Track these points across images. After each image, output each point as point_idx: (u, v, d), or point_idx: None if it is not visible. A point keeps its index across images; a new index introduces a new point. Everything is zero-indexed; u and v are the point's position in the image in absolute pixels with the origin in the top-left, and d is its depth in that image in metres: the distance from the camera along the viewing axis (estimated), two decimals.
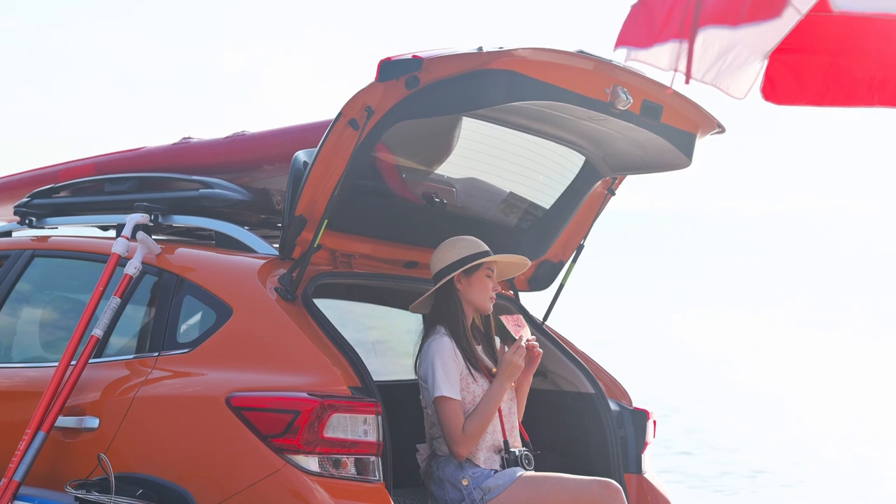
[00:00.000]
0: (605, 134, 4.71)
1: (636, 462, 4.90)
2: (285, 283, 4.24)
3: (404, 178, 4.83)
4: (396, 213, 4.84)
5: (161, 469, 4.10)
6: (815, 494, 11.51)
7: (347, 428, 3.94)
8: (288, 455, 3.89)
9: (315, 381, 3.98)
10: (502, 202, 5.14)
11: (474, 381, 4.45)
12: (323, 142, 4.18)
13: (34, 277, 5.10)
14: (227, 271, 4.45)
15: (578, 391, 5.00)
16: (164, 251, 4.59)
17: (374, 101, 4.13)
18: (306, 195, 4.27)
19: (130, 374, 4.35)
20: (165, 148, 5.29)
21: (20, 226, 5.24)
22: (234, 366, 4.12)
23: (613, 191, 5.20)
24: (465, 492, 4.35)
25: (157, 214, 4.71)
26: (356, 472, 3.95)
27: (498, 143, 4.80)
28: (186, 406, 4.14)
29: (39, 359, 5.07)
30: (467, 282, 4.52)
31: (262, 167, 5.09)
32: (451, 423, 4.36)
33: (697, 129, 4.70)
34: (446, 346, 4.44)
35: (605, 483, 4.34)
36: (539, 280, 5.34)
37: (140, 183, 4.96)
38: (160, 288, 4.51)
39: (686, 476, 11.82)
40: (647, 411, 5.01)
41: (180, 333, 4.36)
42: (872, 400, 19.07)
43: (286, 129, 5.06)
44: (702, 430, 15.19)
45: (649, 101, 4.46)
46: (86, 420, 4.33)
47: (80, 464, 4.26)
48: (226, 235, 4.66)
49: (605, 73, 4.31)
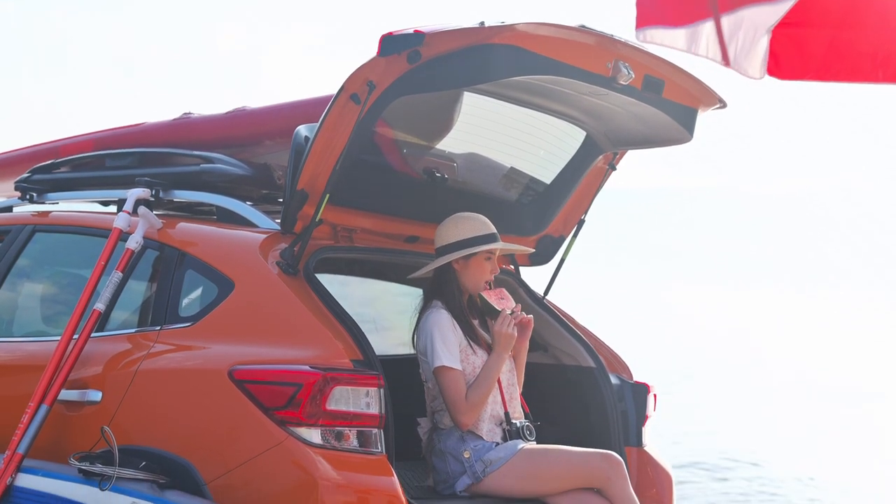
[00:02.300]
0: (606, 109, 4.71)
1: (637, 435, 4.93)
2: (287, 258, 4.25)
3: (405, 152, 4.84)
4: (398, 187, 4.85)
5: (164, 442, 4.12)
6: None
7: (350, 400, 3.96)
8: (290, 427, 3.90)
9: (317, 355, 3.99)
10: (503, 177, 5.14)
11: (473, 353, 4.48)
12: (324, 116, 4.19)
13: (35, 253, 5.10)
14: (229, 246, 4.46)
15: (579, 365, 5.02)
16: (166, 226, 4.60)
17: (376, 76, 4.13)
18: (308, 170, 4.28)
19: (133, 347, 4.36)
20: (166, 123, 5.29)
21: (21, 201, 5.25)
22: (237, 339, 4.14)
23: (614, 166, 5.20)
24: (466, 464, 4.38)
25: (158, 189, 4.72)
26: (358, 444, 3.97)
27: (499, 118, 4.80)
28: (189, 379, 4.16)
29: (42, 333, 5.09)
30: (465, 264, 4.55)
31: (263, 142, 5.09)
32: (453, 393, 4.38)
33: (699, 103, 4.71)
34: (444, 317, 4.46)
35: (606, 455, 4.37)
36: (540, 255, 5.35)
37: (141, 158, 4.96)
38: (162, 262, 4.52)
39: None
40: (648, 385, 5.04)
41: (182, 307, 4.38)
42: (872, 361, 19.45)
43: (287, 104, 5.06)
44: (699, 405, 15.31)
45: (651, 75, 4.47)
46: (89, 393, 4.34)
47: (84, 437, 4.28)
48: (227, 210, 4.66)
49: (607, 48, 4.31)
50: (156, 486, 3.99)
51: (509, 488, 4.34)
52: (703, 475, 11.01)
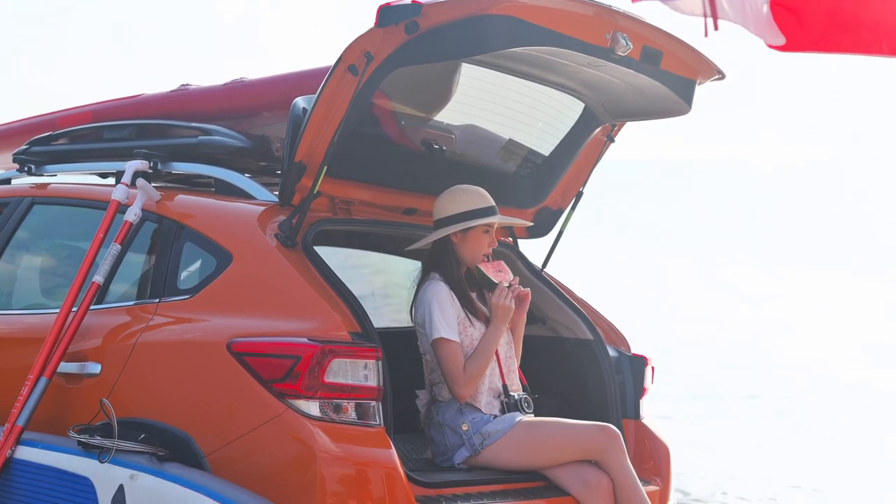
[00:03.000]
0: (604, 80, 4.69)
1: (634, 407, 4.93)
2: (285, 230, 4.25)
3: (403, 124, 4.82)
4: (396, 159, 4.83)
5: (163, 414, 4.13)
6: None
7: (348, 373, 3.96)
8: (289, 400, 3.91)
9: (315, 327, 3.99)
10: (501, 149, 5.13)
11: (471, 325, 4.48)
12: (322, 88, 4.17)
13: (34, 225, 5.10)
14: (227, 218, 4.45)
15: (577, 338, 5.02)
16: (164, 198, 4.59)
17: (374, 47, 4.11)
18: (305, 141, 4.26)
19: (132, 320, 4.36)
20: (164, 95, 5.27)
21: (19, 173, 5.24)
22: (235, 312, 4.14)
23: (613, 138, 5.19)
24: (464, 437, 4.39)
25: (156, 161, 4.71)
26: (357, 416, 3.97)
27: (497, 90, 4.79)
28: (187, 352, 4.16)
29: (40, 306, 5.09)
30: (462, 237, 4.54)
31: (261, 114, 5.08)
32: (451, 364, 4.38)
33: (697, 75, 4.69)
34: (442, 289, 4.47)
35: (603, 427, 4.38)
36: (538, 227, 5.35)
37: (139, 130, 4.95)
38: (160, 234, 4.51)
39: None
40: (646, 357, 5.04)
41: (181, 280, 4.37)
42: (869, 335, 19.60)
43: (285, 76, 5.04)
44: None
45: (649, 46, 4.45)
46: (88, 366, 4.34)
47: (83, 409, 4.29)
48: (225, 182, 4.65)
49: (605, 19, 4.29)
50: (155, 458, 3.99)
51: (507, 461, 4.35)
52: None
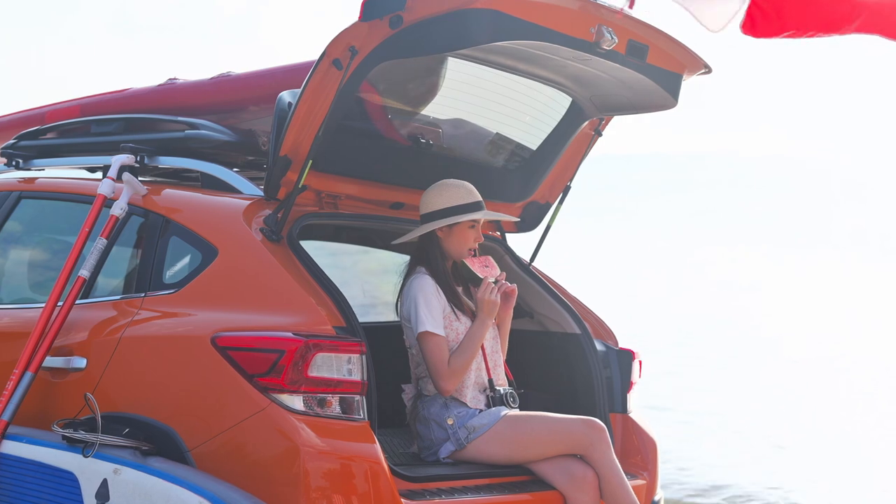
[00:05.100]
0: (591, 74, 4.69)
1: (622, 402, 4.93)
2: (270, 224, 4.24)
3: (390, 118, 4.82)
4: (382, 153, 4.83)
5: (147, 408, 4.12)
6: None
7: (332, 367, 3.95)
8: (273, 394, 3.91)
9: (300, 321, 3.99)
10: (489, 143, 5.13)
11: (457, 320, 4.48)
12: (307, 82, 4.17)
13: (21, 219, 5.10)
14: (213, 212, 4.45)
15: (565, 332, 5.02)
16: (150, 192, 4.59)
17: (358, 41, 4.11)
18: (290, 136, 4.26)
19: (117, 314, 4.36)
20: (151, 89, 5.27)
21: (7, 167, 5.24)
22: (220, 306, 4.13)
23: (600, 132, 5.19)
24: (450, 431, 4.39)
25: (143, 156, 4.70)
26: (341, 410, 3.97)
27: (484, 84, 4.78)
28: (172, 346, 4.16)
29: (26, 300, 5.09)
30: (448, 231, 4.55)
31: (248, 108, 5.08)
32: (435, 358, 4.39)
33: (684, 69, 4.68)
34: (428, 283, 4.47)
35: (589, 421, 4.38)
36: (526, 221, 5.35)
37: (126, 124, 4.95)
38: (146, 229, 4.51)
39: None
40: (633, 351, 5.03)
41: (166, 274, 4.37)
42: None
43: (271, 70, 5.04)
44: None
45: (635, 41, 4.44)
46: (73, 360, 4.34)
47: (68, 403, 4.29)
48: (211, 176, 4.65)
49: (590, 13, 4.28)
50: (139, 452, 3.99)
51: (492, 455, 4.35)
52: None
